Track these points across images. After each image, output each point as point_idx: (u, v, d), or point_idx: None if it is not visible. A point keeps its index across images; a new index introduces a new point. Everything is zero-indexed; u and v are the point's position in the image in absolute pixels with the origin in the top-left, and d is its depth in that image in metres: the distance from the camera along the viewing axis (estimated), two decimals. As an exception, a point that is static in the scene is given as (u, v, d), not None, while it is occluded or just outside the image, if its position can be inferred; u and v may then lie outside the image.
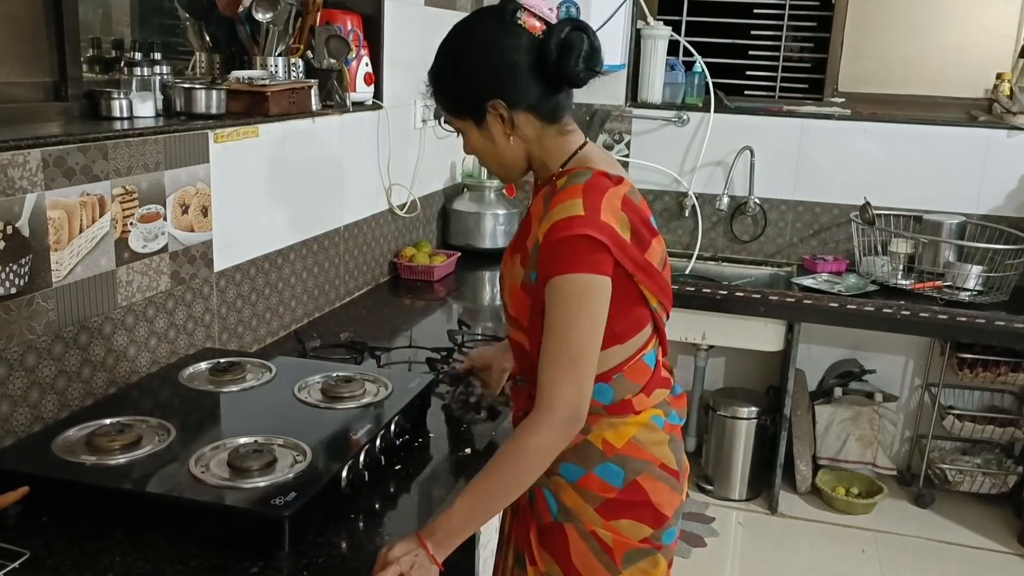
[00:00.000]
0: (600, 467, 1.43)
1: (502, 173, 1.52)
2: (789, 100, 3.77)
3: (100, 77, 2.01)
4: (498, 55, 1.39)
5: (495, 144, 1.44)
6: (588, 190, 1.35)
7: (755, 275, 3.57)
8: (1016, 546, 3.27)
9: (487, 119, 1.42)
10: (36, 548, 1.26)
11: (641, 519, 1.45)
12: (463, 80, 1.42)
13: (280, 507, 1.28)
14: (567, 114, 1.47)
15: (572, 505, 1.44)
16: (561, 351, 1.32)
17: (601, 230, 1.32)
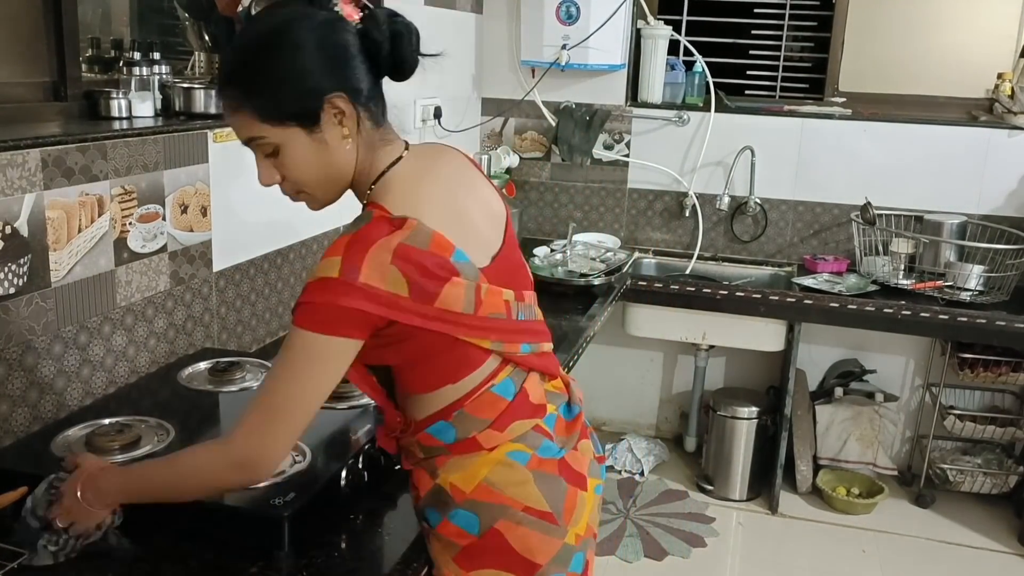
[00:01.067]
0: (452, 513, 1.27)
1: (330, 193, 1.30)
2: (790, 100, 3.76)
3: (99, 77, 2.01)
4: (333, 41, 1.19)
5: (329, 153, 1.23)
6: (352, 245, 1.19)
7: (755, 275, 3.57)
8: (1017, 546, 3.26)
9: (321, 120, 1.20)
10: (36, 548, 1.26)
11: (506, 567, 1.27)
12: (296, 72, 1.18)
13: (280, 507, 1.28)
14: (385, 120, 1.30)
15: (435, 554, 1.31)
16: (266, 395, 1.18)
17: (351, 296, 1.16)
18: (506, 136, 3.76)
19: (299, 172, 1.24)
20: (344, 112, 1.21)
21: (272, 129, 1.20)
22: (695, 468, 3.69)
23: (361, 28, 1.23)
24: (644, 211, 3.73)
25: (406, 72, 1.27)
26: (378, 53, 1.23)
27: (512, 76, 3.67)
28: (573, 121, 3.58)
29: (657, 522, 3.30)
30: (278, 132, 1.20)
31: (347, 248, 1.18)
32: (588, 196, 3.77)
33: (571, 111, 3.60)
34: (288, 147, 1.21)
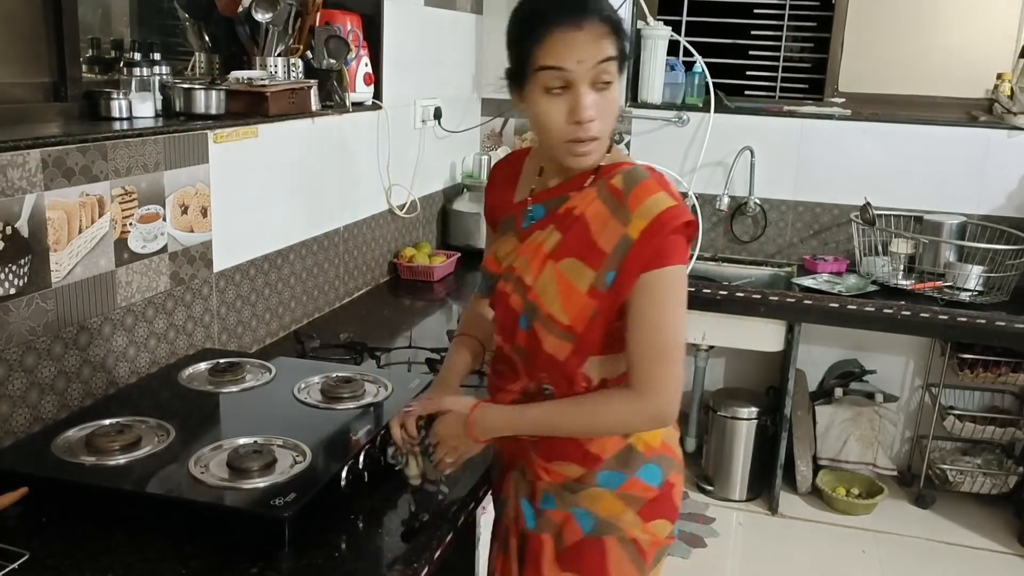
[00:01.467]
0: (642, 469, 1.42)
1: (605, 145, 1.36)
2: (789, 100, 3.76)
3: (100, 77, 2.01)
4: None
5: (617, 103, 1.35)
6: (660, 183, 1.34)
7: (755, 275, 3.57)
8: (1016, 546, 3.26)
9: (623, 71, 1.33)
10: (36, 549, 1.26)
11: (668, 515, 1.46)
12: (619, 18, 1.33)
13: (280, 507, 1.28)
14: None
15: (610, 513, 1.41)
16: (659, 340, 1.30)
17: (690, 214, 1.32)
18: (506, 136, 3.76)
19: (611, 112, 1.32)
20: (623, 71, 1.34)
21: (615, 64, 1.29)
22: (695, 468, 3.69)
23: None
24: (644, 211, 3.73)
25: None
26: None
27: (512, 76, 3.66)
28: (573, 121, 3.58)
29: (657, 522, 3.30)
30: (615, 69, 1.30)
31: (660, 184, 1.33)
32: (588, 196, 3.76)
33: (571, 111, 3.59)
34: (615, 87, 1.31)
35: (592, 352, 1.37)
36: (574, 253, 1.34)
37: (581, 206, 1.35)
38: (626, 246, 1.30)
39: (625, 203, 1.31)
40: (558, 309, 1.34)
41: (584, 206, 1.35)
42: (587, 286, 1.32)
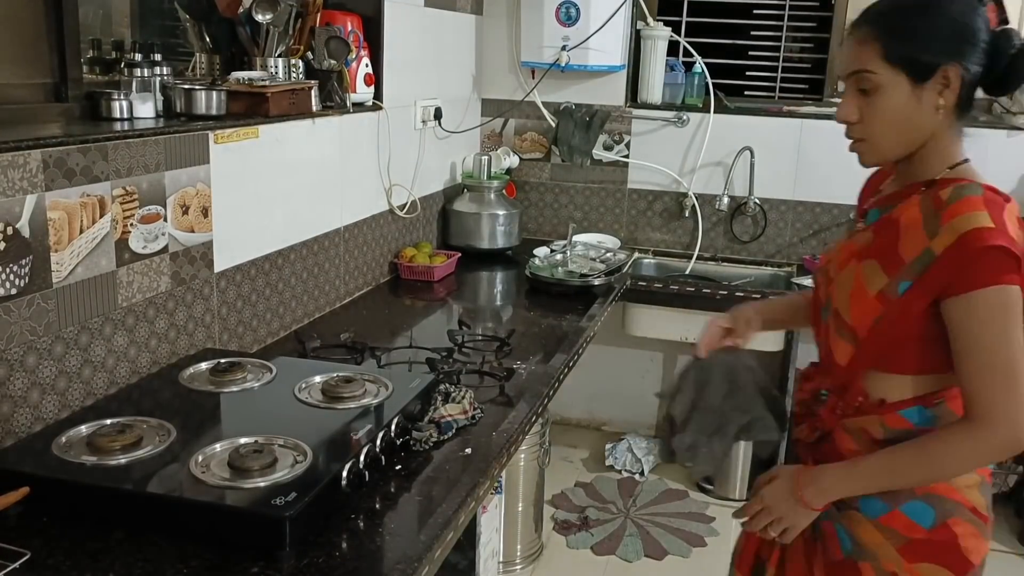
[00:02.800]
0: (908, 504, 1.35)
1: (894, 148, 1.36)
2: (789, 100, 3.76)
3: (100, 78, 2.01)
4: (974, 22, 1.28)
5: (917, 112, 1.30)
6: (988, 204, 1.25)
7: (755, 275, 3.57)
8: (1016, 545, 3.27)
9: (929, 81, 1.28)
10: (37, 548, 1.26)
11: (947, 564, 1.36)
12: (933, 29, 1.27)
13: (281, 507, 1.29)
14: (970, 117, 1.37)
15: (870, 542, 1.37)
16: (997, 367, 1.23)
17: (1013, 243, 1.23)
18: (506, 137, 3.77)
19: (881, 118, 1.32)
20: (950, 85, 1.28)
21: (885, 68, 1.29)
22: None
23: (997, 32, 1.31)
24: (644, 211, 3.74)
25: (1007, 88, 1.34)
26: (999, 59, 1.30)
27: (512, 77, 3.67)
28: (573, 122, 3.58)
29: (657, 522, 3.30)
30: (888, 73, 1.29)
31: (987, 205, 1.25)
32: (588, 197, 3.77)
33: (571, 112, 3.60)
34: (887, 90, 1.29)
35: (873, 363, 1.35)
36: (875, 255, 1.34)
37: (901, 211, 1.35)
38: (927, 260, 1.27)
39: (940, 214, 1.27)
40: (845, 306, 1.36)
41: (903, 211, 1.34)
42: (877, 290, 1.32)
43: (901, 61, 1.28)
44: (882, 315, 1.31)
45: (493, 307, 2.90)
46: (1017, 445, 1.24)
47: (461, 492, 1.52)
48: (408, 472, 1.59)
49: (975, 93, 1.34)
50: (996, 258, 1.22)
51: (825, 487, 1.33)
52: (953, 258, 1.24)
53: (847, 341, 1.36)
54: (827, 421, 1.41)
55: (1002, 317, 1.23)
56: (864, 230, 1.42)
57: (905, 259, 1.29)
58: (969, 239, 1.23)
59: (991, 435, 1.24)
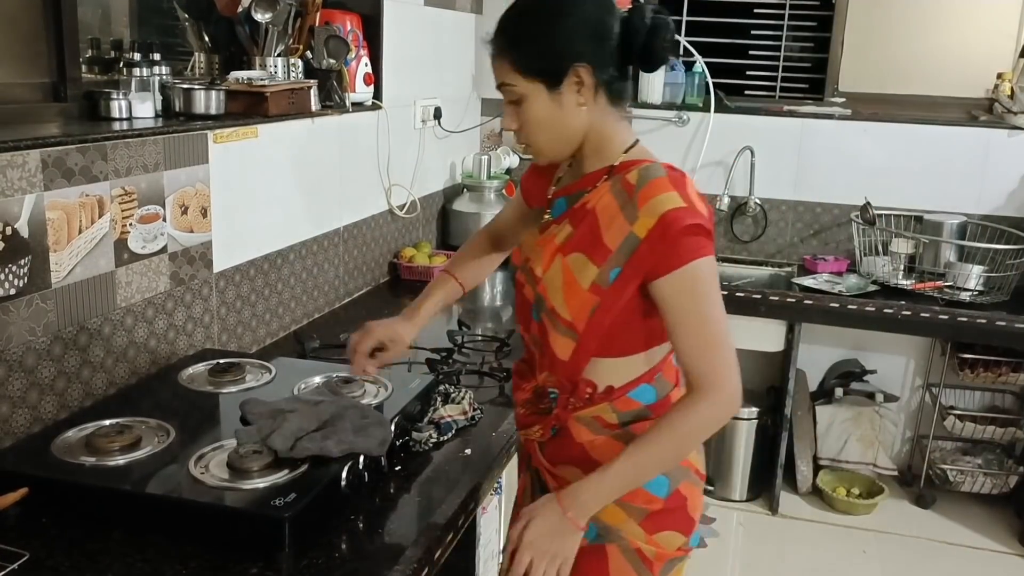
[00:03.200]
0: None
1: (555, 149, 1.40)
2: (789, 100, 3.76)
3: (99, 78, 2.01)
4: (598, 18, 1.31)
5: (562, 114, 1.34)
6: (674, 183, 1.31)
7: (755, 275, 3.57)
8: (1017, 546, 3.26)
9: (563, 84, 1.32)
10: (36, 549, 1.26)
11: (679, 527, 1.43)
12: (556, 34, 1.31)
13: (280, 508, 1.28)
14: (626, 109, 1.42)
15: (614, 522, 1.40)
16: (707, 337, 1.28)
17: (703, 217, 1.30)
18: (506, 137, 3.76)
19: (534, 125, 1.36)
20: (584, 83, 1.32)
21: (521, 79, 1.33)
22: (695, 468, 3.69)
23: (626, 16, 1.34)
24: (644, 211, 3.73)
25: (654, 62, 1.38)
26: (635, 39, 1.33)
27: (512, 76, 3.66)
28: (573, 121, 3.58)
29: (657, 522, 3.30)
30: (525, 84, 1.33)
31: (673, 184, 1.30)
32: (588, 196, 3.76)
33: (571, 111, 3.59)
34: (529, 100, 1.34)
35: (596, 353, 1.36)
36: (581, 248, 1.34)
37: (594, 200, 1.36)
38: (632, 244, 1.29)
39: (634, 199, 1.31)
40: (560, 303, 1.35)
41: (596, 200, 1.36)
42: (589, 282, 1.32)
43: (532, 71, 1.32)
44: (598, 305, 1.32)
45: (493, 307, 2.90)
46: (736, 403, 1.31)
47: (461, 493, 1.52)
48: (408, 473, 1.59)
49: (624, 80, 1.37)
50: (694, 235, 1.27)
51: (585, 501, 1.31)
52: (656, 239, 1.27)
53: (567, 337, 1.37)
54: (561, 418, 1.42)
55: (704, 288, 1.29)
56: (558, 222, 1.41)
57: (611, 247, 1.31)
58: (668, 220, 1.27)
59: (714, 401, 1.29)
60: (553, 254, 1.38)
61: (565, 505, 1.31)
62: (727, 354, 1.29)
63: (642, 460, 1.31)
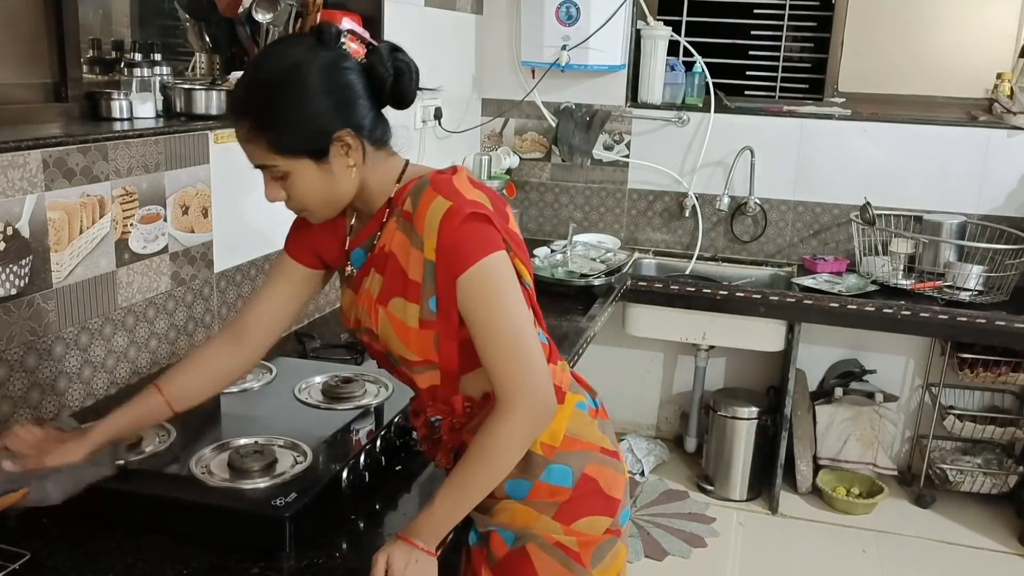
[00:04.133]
0: (545, 473, 1.36)
1: (330, 210, 1.34)
2: (789, 100, 3.76)
3: (100, 78, 2.01)
4: (339, 80, 1.26)
5: (333, 181, 1.29)
6: (437, 186, 1.28)
7: (755, 275, 3.57)
8: (1017, 546, 3.26)
9: (330, 153, 1.27)
10: (37, 549, 1.27)
11: (598, 511, 1.39)
12: (307, 111, 1.25)
13: (281, 508, 1.29)
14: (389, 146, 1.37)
15: (526, 522, 1.36)
16: (502, 342, 1.25)
17: (476, 205, 1.26)
18: (506, 137, 3.77)
19: (304, 196, 1.31)
20: (351, 146, 1.28)
21: (283, 159, 1.27)
22: (695, 468, 3.69)
23: (366, 63, 1.29)
24: (644, 211, 3.74)
25: (406, 103, 1.34)
26: (382, 87, 1.30)
27: (512, 77, 3.67)
28: (573, 122, 3.58)
29: (657, 522, 3.30)
30: (288, 162, 1.27)
31: (436, 189, 1.28)
32: (588, 197, 3.77)
33: (571, 112, 3.60)
34: (296, 175, 1.28)
35: (461, 373, 1.34)
36: (395, 292, 1.31)
37: (387, 241, 1.33)
38: (432, 270, 1.27)
39: (414, 225, 1.28)
40: (403, 348, 1.33)
41: (389, 240, 1.32)
42: (416, 320, 1.30)
43: (293, 151, 1.26)
44: (436, 336, 1.30)
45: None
46: (541, 411, 1.27)
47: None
48: (408, 473, 1.59)
49: (382, 122, 1.33)
50: (471, 232, 1.24)
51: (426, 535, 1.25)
52: (443, 252, 1.25)
53: (428, 371, 1.35)
54: (452, 439, 1.40)
55: (490, 291, 1.25)
56: (365, 272, 1.36)
57: (417, 280, 1.28)
58: (444, 229, 1.24)
59: (514, 416, 1.25)
60: (375, 308, 1.34)
61: (411, 539, 1.24)
62: (524, 360, 1.25)
63: (462, 488, 1.27)
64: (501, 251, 1.27)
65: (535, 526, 1.36)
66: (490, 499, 1.35)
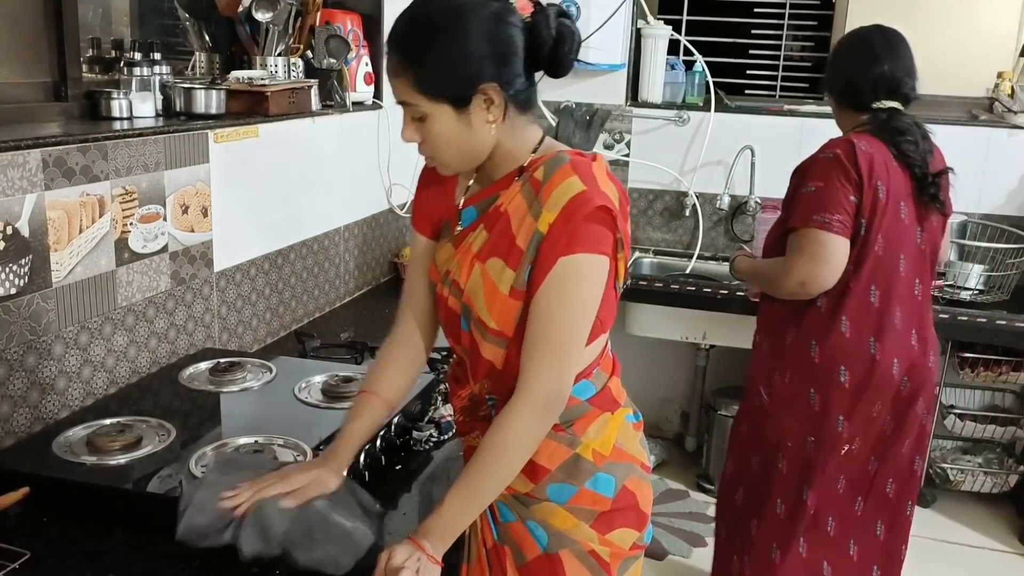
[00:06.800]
0: (592, 480, 1.34)
1: (462, 163, 1.34)
2: (790, 99, 3.76)
3: (100, 77, 2.01)
4: (501, 33, 1.25)
5: (470, 132, 1.28)
6: (576, 167, 1.26)
7: (756, 274, 3.56)
8: (1017, 545, 3.26)
9: (471, 105, 1.26)
10: (37, 548, 1.26)
11: (631, 524, 1.39)
12: (459, 57, 1.24)
13: (280, 507, 1.28)
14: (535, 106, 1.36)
15: (565, 528, 1.35)
16: (548, 335, 1.24)
17: (607, 199, 1.25)
18: (506, 136, 3.76)
19: (439, 142, 1.30)
20: (494, 101, 1.26)
21: (425, 100, 1.26)
22: (695, 468, 3.69)
23: (531, 23, 1.28)
24: (644, 211, 3.73)
25: (562, 71, 1.32)
26: (541, 50, 1.28)
27: (512, 76, 3.66)
28: (573, 121, 3.58)
29: (658, 521, 3.30)
30: (429, 104, 1.26)
31: (575, 169, 1.26)
32: (588, 196, 3.76)
33: (571, 111, 3.60)
34: (435, 119, 1.27)
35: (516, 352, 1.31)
36: (498, 252, 1.29)
37: (506, 202, 1.31)
38: (538, 241, 1.25)
39: (540, 195, 1.26)
40: (485, 312, 1.30)
41: (508, 201, 1.31)
42: (508, 287, 1.28)
43: (436, 94, 1.25)
44: (522, 310, 1.28)
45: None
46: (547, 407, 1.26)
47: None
48: (408, 472, 1.59)
49: (531, 86, 1.32)
50: (597, 223, 1.23)
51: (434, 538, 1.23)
52: (559, 231, 1.23)
53: (497, 345, 1.31)
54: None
55: (576, 286, 1.24)
56: (472, 229, 1.34)
57: (522, 247, 1.27)
58: (570, 210, 1.23)
59: (523, 408, 1.24)
60: (472, 262, 1.32)
61: (419, 540, 1.22)
62: (560, 362, 1.25)
63: (474, 483, 1.26)
64: (606, 256, 1.26)
65: (573, 531, 1.35)
66: (530, 498, 1.35)
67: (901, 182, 2.15)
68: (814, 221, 2.09)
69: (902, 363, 2.15)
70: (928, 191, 2.19)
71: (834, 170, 2.11)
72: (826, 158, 2.15)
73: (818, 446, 2.16)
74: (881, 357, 2.12)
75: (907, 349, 2.16)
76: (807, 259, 2.10)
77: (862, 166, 2.09)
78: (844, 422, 2.14)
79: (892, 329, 2.14)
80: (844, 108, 2.30)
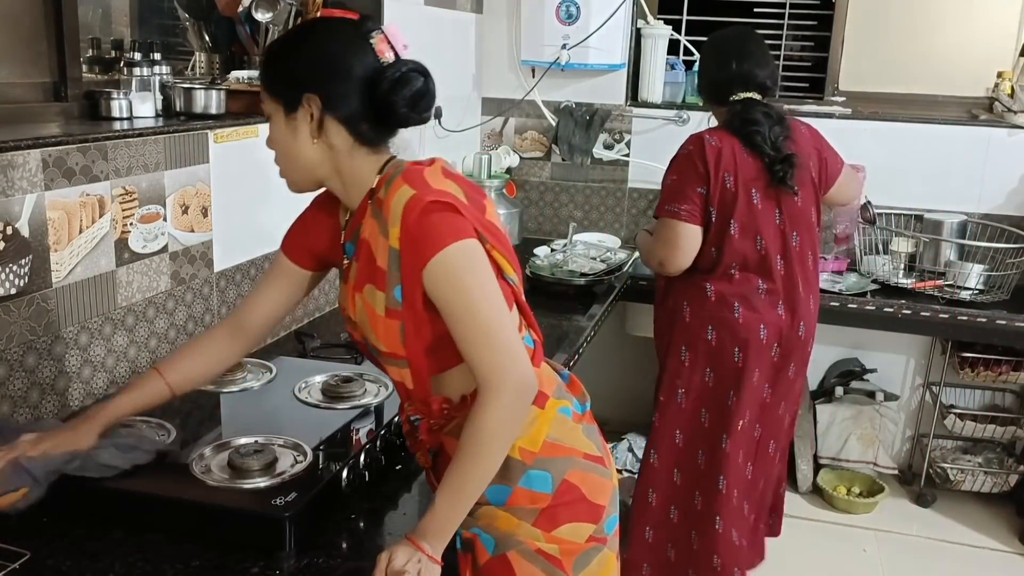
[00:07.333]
0: (524, 478, 1.34)
1: (290, 176, 1.40)
2: (790, 99, 3.76)
3: (100, 77, 2.01)
4: (336, 54, 1.30)
5: (295, 142, 1.34)
6: (408, 177, 1.29)
7: (756, 274, 3.56)
8: (1018, 545, 3.26)
9: (298, 112, 1.32)
10: (37, 548, 1.26)
11: (581, 518, 1.37)
12: (294, 61, 1.32)
13: (281, 507, 1.29)
14: (386, 147, 1.37)
15: (507, 529, 1.35)
16: (478, 326, 1.24)
17: (440, 195, 1.26)
18: (506, 136, 3.76)
19: (276, 148, 1.39)
20: (313, 116, 1.31)
21: (266, 95, 1.37)
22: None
23: (380, 63, 1.31)
24: (644, 211, 3.73)
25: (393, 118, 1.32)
26: (378, 88, 1.29)
27: (512, 76, 3.67)
28: (573, 121, 3.58)
29: (658, 521, 3.30)
30: (269, 102, 1.36)
31: (405, 179, 1.29)
32: (588, 196, 3.77)
33: (571, 111, 3.60)
34: (273, 121, 1.37)
35: (431, 371, 1.33)
36: (369, 279, 1.32)
37: (365, 229, 1.33)
38: (396, 258, 1.27)
39: (383, 213, 1.29)
40: (373, 337, 1.34)
41: (366, 228, 1.33)
42: (383, 308, 1.30)
43: (272, 89, 1.35)
44: (403, 327, 1.29)
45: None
46: (522, 393, 1.26)
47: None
48: (408, 472, 1.59)
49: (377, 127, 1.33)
50: (436, 221, 1.25)
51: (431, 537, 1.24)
52: (407, 242, 1.25)
53: (398, 366, 1.34)
54: (431, 440, 1.39)
55: (461, 275, 1.25)
56: (353, 263, 1.37)
57: (384, 268, 1.29)
58: (407, 217, 1.25)
59: (497, 403, 1.24)
60: (353, 294, 1.35)
61: (417, 541, 1.23)
62: (503, 343, 1.25)
63: (459, 484, 1.26)
64: (470, 239, 1.26)
65: (516, 532, 1.34)
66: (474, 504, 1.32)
67: (751, 170, 2.41)
68: (667, 211, 2.45)
69: (770, 331, 2.43)
70: (777, 175, 2.41)
71: (686, 164, 2.43)
72: (683, 153, 2.46)
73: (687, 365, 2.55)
74: (745, 322, 2.42)
75: (775, 319, 2.44)
76: (661, 244, 2.47)
77: (709, 160, 2.37)
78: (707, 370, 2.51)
79: (757, 299, 2.43)
80: (712, 104, 2.62)
